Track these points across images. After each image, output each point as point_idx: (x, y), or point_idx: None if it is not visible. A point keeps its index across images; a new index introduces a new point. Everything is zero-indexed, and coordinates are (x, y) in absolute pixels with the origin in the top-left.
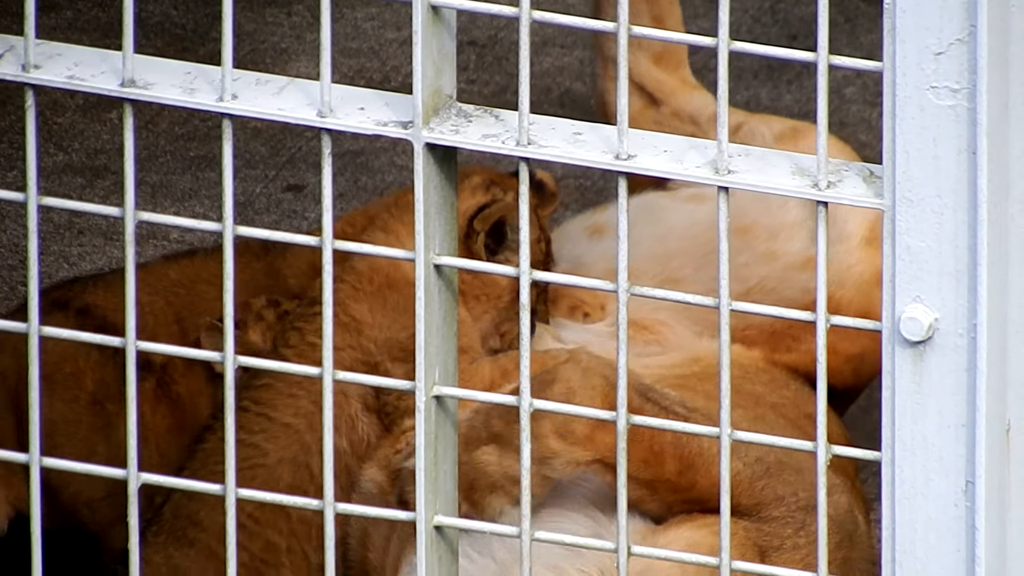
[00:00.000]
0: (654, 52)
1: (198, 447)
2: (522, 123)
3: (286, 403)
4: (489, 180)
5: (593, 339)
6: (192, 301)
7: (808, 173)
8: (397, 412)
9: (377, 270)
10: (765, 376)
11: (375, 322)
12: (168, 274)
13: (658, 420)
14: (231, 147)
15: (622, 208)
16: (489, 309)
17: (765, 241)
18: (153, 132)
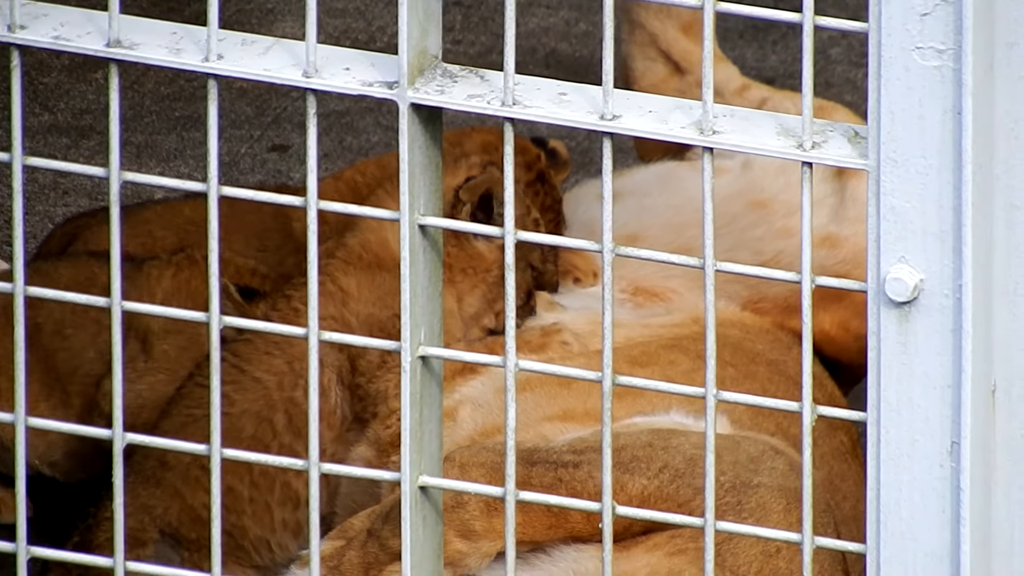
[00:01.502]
0: (683, 21)
1: (178, 392)
2: (507, 83)
3: (261, 359)
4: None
5: (589, 303)
6: (202, 241)
7: (793, 134)
8: (369, 397)
9: (367, 248)
10: (769, 336)
11: (360, 296)
12: (183, 211)
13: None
14: (216, 107)
15: (606, 169)
16: (478, 283)
17: (783, 217)
18: (139, 92)
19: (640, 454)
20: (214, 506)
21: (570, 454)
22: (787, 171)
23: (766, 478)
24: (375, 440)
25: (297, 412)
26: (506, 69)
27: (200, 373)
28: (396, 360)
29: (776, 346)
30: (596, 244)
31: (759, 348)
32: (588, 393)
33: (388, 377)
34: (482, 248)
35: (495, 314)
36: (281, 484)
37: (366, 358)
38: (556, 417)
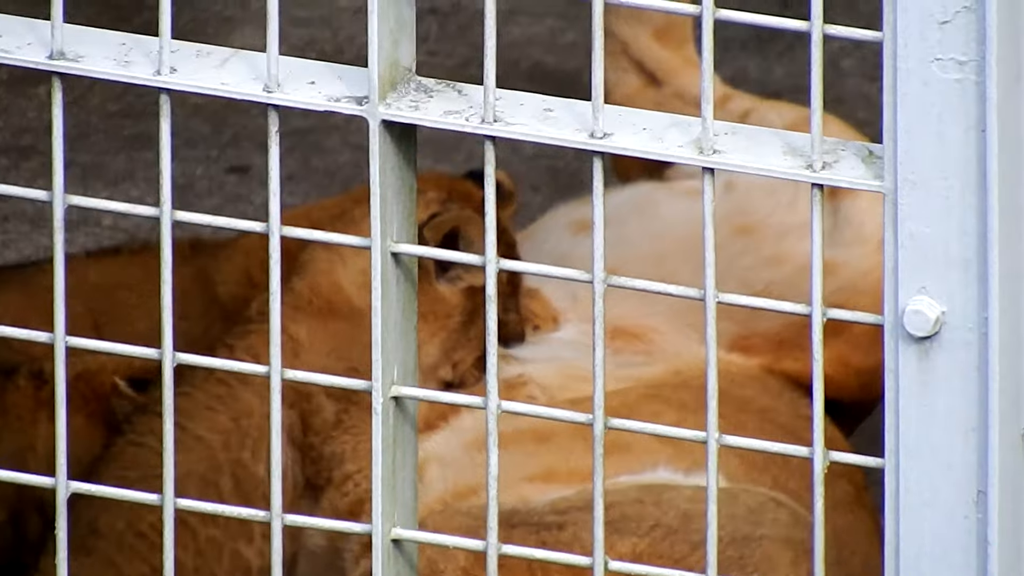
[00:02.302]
0: (656, 27)
1: (106, 451)
2: (488, 98)
3: (203, 415)
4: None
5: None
6: (112, 308)
7: (802, 153)
8: (323, 459)
9: (317, 293)
10: (756, 383)
11: (312, 346)
12: (88, 275)
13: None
14: (169, 125)
15: (597, 192)
16: (438, 331)
17: (772, 243)
18: (84, 109)
19: (630, 511)
20: (167, 560)
21: (553, 515)
22: (775, 192)
23: (769, 530)
24: (332, 510)
25: (245, 475)
26: (486, 83)
27: (133, 430)
28: (353, 419)
29: (765, 392)
30: (585, 274)
31: (747, 394)
32: (570, 450)
33: (344, 438)
34: (444, 291)
35: (452, 365)
36: (230, 553)
37: (320, 416)
38: (537, 477)
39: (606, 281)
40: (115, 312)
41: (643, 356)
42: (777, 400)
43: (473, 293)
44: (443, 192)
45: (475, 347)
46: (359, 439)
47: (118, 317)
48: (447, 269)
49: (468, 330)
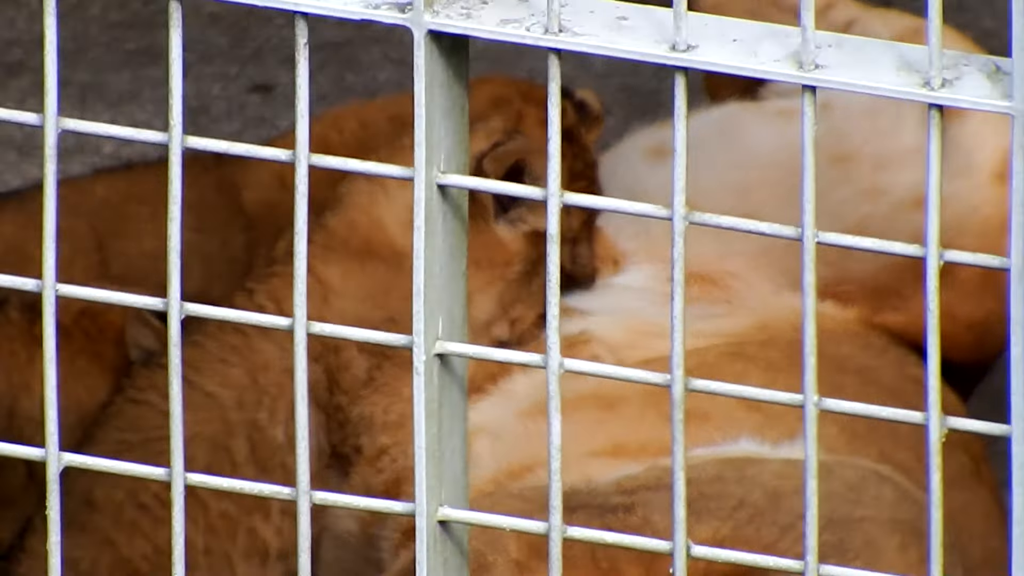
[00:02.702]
0: None
1: (103, 411)
2: (551, 5)
3: (214, 368)
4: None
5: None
6: (120, 224)
7: (917, 68)
8: (350, 423)
9: (355, 230)
10: (855, 339)
11: (345, 291)
12: (95, 190)
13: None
14: (180, 36)
15: (679, 115)
16: (494, 281)
17: (870, 173)
18: (82, 19)
19: (709, 490)
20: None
21: (619, 496)
22: (874, 114)
23: (871, 510)
24: (364, 488)
25: (261, 439)
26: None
27: (133, 385)
28: (386, 376)
29: (866, 349)
30: (663, 209)
31: (845, 352)
32: (642, 418)
33: (375, 399)
34: (504, 235)
35: (510, 322)
36: (245, 531)
37: (350, 372)
38: (604, 451)
39: (687, 218)
40: (123, 228)
41: (722, 306)
42: (880, 358)
43: (537, 239)
44: (512, 116)
45: (537, 302)
46: (392, 399)
47: (126, 233)
48: (508, 208)
49: (530, 281)
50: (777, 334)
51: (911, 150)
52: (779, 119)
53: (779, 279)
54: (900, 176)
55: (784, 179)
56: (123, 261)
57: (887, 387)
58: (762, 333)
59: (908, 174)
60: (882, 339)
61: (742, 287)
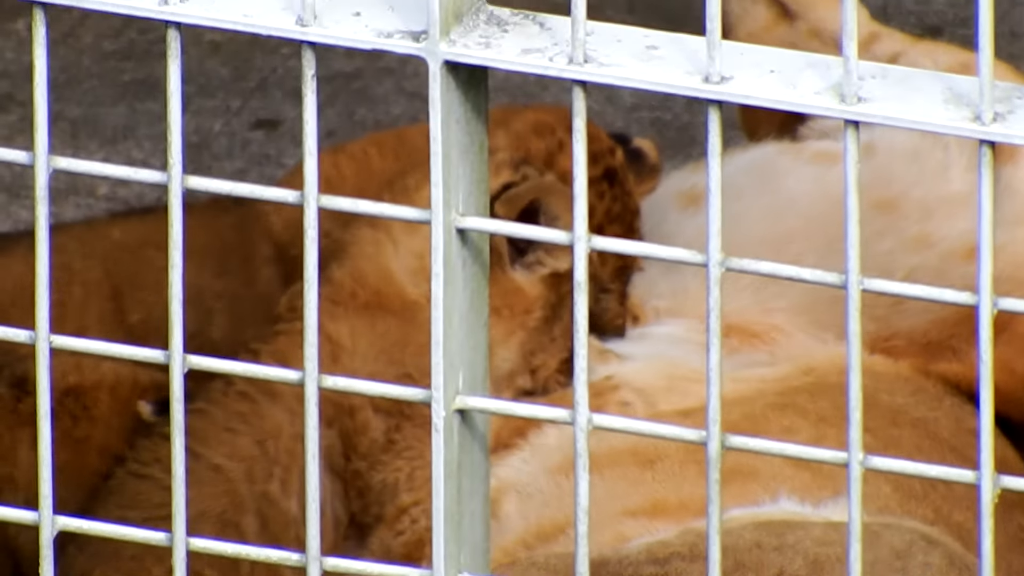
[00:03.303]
0: None
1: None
2: (576, 33)
3: (221, 439)
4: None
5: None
6: (136, 270)
7: (967, 101)
8: (371, 491)
9: (362, 283)
10: (910, 388)
11: (355, 348)
12: (111, 234)
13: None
14: (179, 67)
15: (713, 152)
16: (514, 330)
17: (917, 221)
18: (74, 48)
19: (746, 558)
20: None
21: (651, 565)
22: (920, 158)
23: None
24: (383, 552)
25: (274, 513)
26: (574, 13)
27: (135, 458)
28: (408, 439)
29: (921, 398)
30: (698, 255)
31: (899, 403)
32: (682, 475)
33: (396, 464)
34: (521, 281)
35: (532, 371)
36: None
37: (367, 436)
38: (641, 511)
39: (723, 264)
40: (140, 276)
41: (765, 355)
42: (936, 409)
43: (557, 281)
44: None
45: (560, 347)
46: (415, 464)
47: (143, 282)
48: (524, 252)
49: (551, 327)
50: (827, 383)
51: (961, 195)
52: (819, 162)
53: (823, 334)
54: (950, 224)
55: (824, 229)
56: (142, 310)
57: (945, 441)
58: (809, 375)
59: (958, 222)
60: (937, 387)
61: (785, 340)
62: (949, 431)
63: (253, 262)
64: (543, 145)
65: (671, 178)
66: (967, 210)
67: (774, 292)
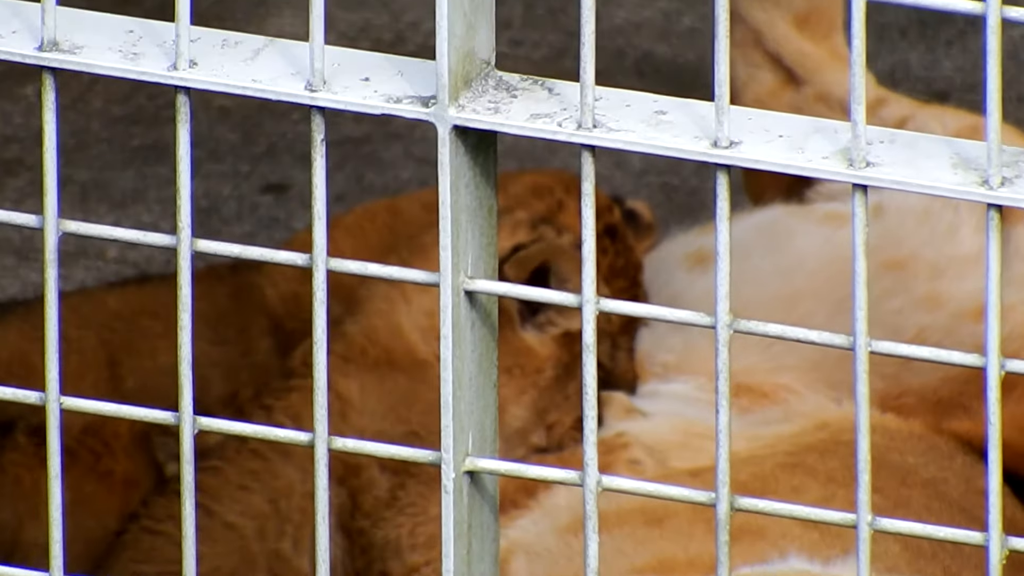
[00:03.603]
0: (796, 12)
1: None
2: (585, 98)
3: (234, 496)
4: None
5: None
6: (131, 340)
7: (975, 165)
8: (375, 547)
9: (374, 340)
10: (921, 445)
11: (365, 406)
12: (106, 302)
13: None
14: (188, 132)
15: (721, 216)
16: (527, 389)
17: (927, 281)
18: (83, 113)
19: None
20: None
21: None
22: (930, 219)
23: None
24: None
25: (286, 571)
26: (583, 79)
27: (149, 514)
28: (410, 496)
29: (932, 457)
30: (706, 316)
31: (910, 463)
32: (690, 534)
33: (399, 520)
34: (532, 341)
35: (547, 428)
36: None
37: (372, 493)
38: (649, 568)
39: (731, 326)
40: (136, 344)
41: (777, 417)
42: (947, 469)
43: (569, 340)
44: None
45: (574, 405)
46: (417, 520)
47: (139, 350)
48: (535, 312)
49: (565, 386)
50: (838, 442)
51: (970, 256)
52: (827, 224)
53: (834, 393)
54: (959, 284)
55: (833, 290)
56: (137, 377)
57: (955, 501)
58: (822, 432)
59: (968, 282)
60: (950, 445)
61: (795, 399)
62: (959, 491)
63: (250, 333)
64: (543, 206)
65: (678, 239)
66: (976, 270)
67: (783, 350)
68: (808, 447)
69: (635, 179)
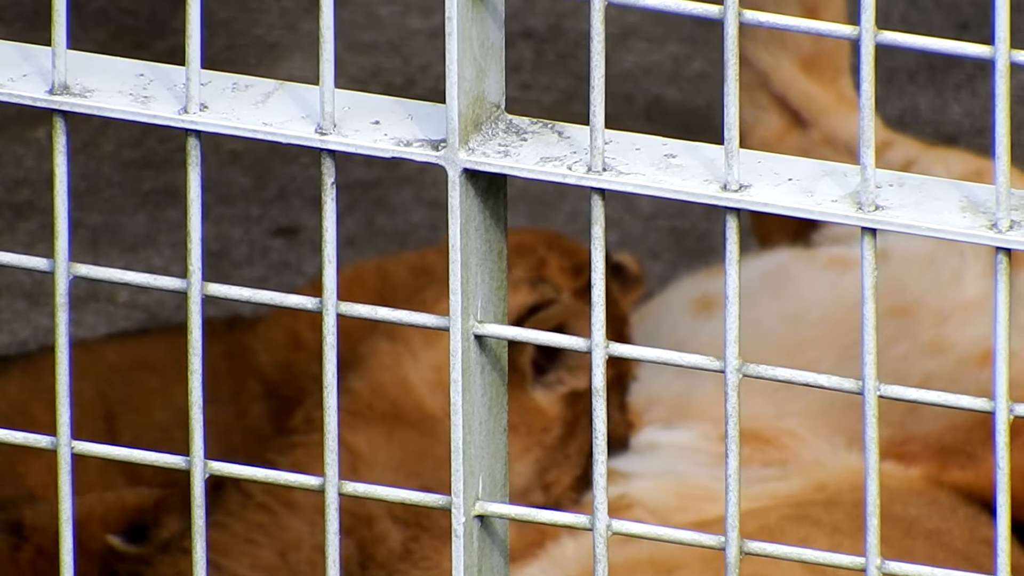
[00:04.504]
0: (803, 55)
1: None
2: (595, 142)
3: (242, 550)
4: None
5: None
6: (129, 393)
7: (983, 209)
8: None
9: (380, 394)
10: (923, 499)
11: (374, 460)
12: (104, 355)
13: None
14: (199, 176)
15: (731, 260)
16: (531, 447)
17: (932, 327)
18: (94, 157)
19: None
20: None
21: None
22: (935, 264)
23: None
24: None
25: None
26: (593, 122)
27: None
28: (425, 549)
29: (935, 510)
30: (715, 361)
31: (913, 514)
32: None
33: (414, 574)
34: (541, 400)
35: (545, 487)
36: None
37: (385, 545)
38: None
39: (741, 370)
40: (132, 399)
41: (777, 467)
42: (950, 520)
43: (575, 400)
44: (534, 264)
45: (574, 464)
46: (431, 574)
47: (135, 405)
48: (544, 371)
49: (567, 445)
50: (837, 495)
51: (974, 301)
52: (832, 268)
53: (836, 439)
54: (963, 330)
55: (839, 337)
56: (132, 432)
57: (959, 551)
58: (820, 494)
59: (972, 328)
60: (951, 497)
61: (798, 446)
62: (963, 541)
63: (242, 396)
64: (526, 264)
65: (684, 284)
66: (981, 316)
67: (787, 396)
68: (811, 502)
69: (644, 223)
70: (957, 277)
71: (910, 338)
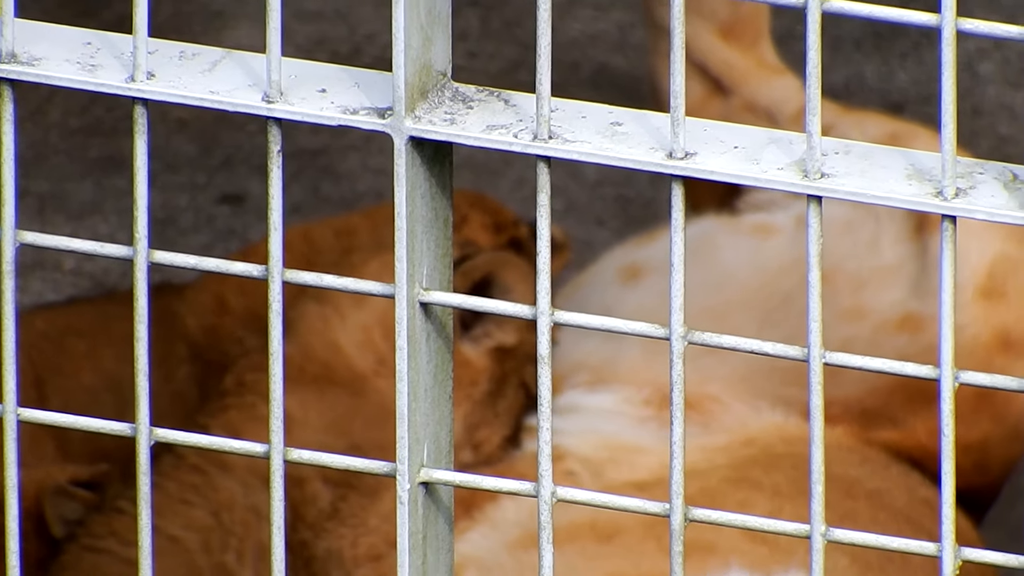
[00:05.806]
0: (722, 22)
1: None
2: (541, 109)
3: (176, 510)
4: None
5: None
6: (58, 360)
7: (930, 177)
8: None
9: (311, 357)
10: (855, 456)
11: (306, 421)
12: (34, 323)
13: None
14: (146, 144)
15: (676, 227)
16: (460, 402)
17: (850, 293)
18: (40, 125)
19: None
20: None
21: None
22: (852, 230)
23: None
24: None
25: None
26: (539, 90)
27: (89, 533)
28: (352, 507)
29: (872, 468)
30: (660, 328)
31: (852, 474)
32: (641, 550)
33: (341, 532)
34: (468, 353)
35: (474, 446)
36: None
37: (315, 506)
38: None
39: (687, 337)
40: (61, 364)
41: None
42: (888, 479)
43: (503, 356)
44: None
45: (503, 423)
46: (359, 532)
47: (63, 370)
48: (470, 326)
49: (496, 403)
50: (771, 451)
51: (892, 268)
52: (755, 235)
53: (757, 403)
54: (881, 296)
55: (762, 301)
56: (61, 397)
57: (900, 512)
58: (750, 447)
59: (890, 293)
60: (881, 456)
61: (721, 410)
62: (903, 501)
63: (170, 360)
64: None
65: (612, 253)
66: (898, 281)
67: (711, 362)
68: (751, 460)
69: (590, 190)
70: (874, 242)
71: (830, 304)
